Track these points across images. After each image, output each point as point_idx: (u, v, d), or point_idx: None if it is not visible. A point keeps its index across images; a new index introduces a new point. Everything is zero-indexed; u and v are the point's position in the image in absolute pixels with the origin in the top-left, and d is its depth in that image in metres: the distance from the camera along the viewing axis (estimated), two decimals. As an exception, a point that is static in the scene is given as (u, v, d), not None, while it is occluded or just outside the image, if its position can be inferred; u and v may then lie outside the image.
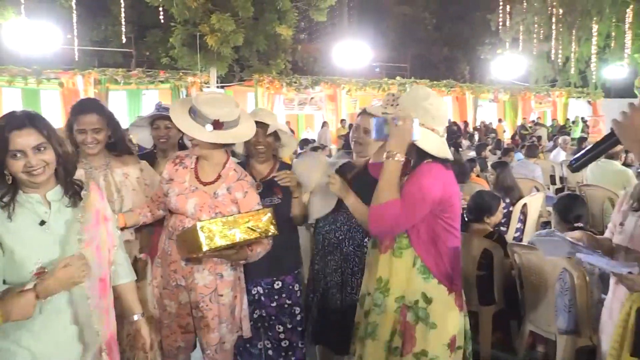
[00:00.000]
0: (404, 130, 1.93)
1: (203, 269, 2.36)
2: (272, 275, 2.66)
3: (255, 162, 2.70)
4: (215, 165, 2.38)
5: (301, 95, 16.11)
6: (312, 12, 17.65)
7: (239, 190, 2.37)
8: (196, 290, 2.36)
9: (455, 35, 28.46)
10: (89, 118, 2.46)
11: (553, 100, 22.06)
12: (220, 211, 2.31)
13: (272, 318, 2.70)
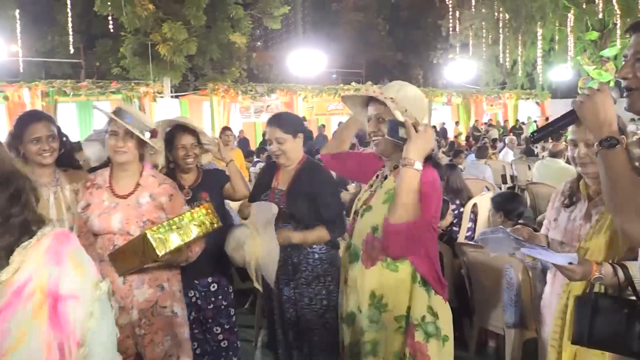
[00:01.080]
0: (427, 137, 1.81)
1: (142, 283, 2.31)
2: (209, 275, 2.71)
3: (181, 173, 2.80)
4: (131, 177, 2.35)
5: (257, 103, 16.06)
6: (266, 20, 17.67)
7: (164, 194, 2.36)
8: (137, 308, 2.31)
9: (408, 41, 29.05)
10: (43, 125, 2.38)
11: (503, 102, 22.75)
12: (148, 219, 2.28)
13: (209, 321, 2.78)
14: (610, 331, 1.74)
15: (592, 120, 1.43)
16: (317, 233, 2.55)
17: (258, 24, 20.44)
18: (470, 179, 6.59)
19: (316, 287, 2.57)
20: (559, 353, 1.96)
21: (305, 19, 42.93)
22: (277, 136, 2.56)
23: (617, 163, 1.38)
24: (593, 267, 1.75)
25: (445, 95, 20.85)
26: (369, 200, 2.05)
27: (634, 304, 1.72)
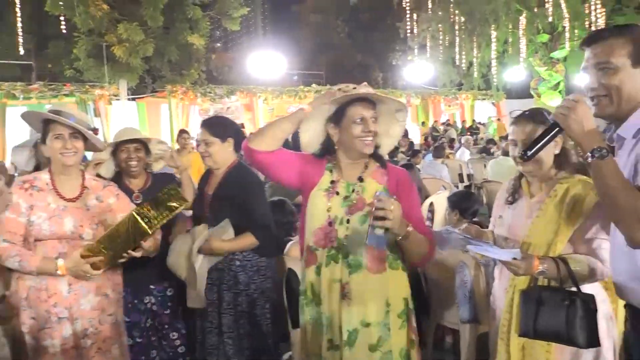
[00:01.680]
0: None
1: (88, 292, 2.25)
2: (165, 280, 2.70)
3: (128, 177, 2.83)
4: (75, 180, 2.31)
5: (217, 105, 15.88)
6: (225, 21, 17.53)
7: (110, 195, 2.36)
8: (83, 317, 2.24)
9: (368, 43, 29.37)
10: None
11: (460, 102, 23.26)
12: (99, 221, 2.28)
13: (165, 326, 2.77)
14: (553, 322, 1.81)
15: (579, 132, 1.49)
16: (246, 240, 2.55)
17: (217, 25, 20.23)
18: (428, 178, 6.73)
19: (238, 297, 2.59)
20: (507, 345, 2.02)
21: (265, 20, 42.79)
22: (204, 138, 2.62)
23: (611, 173, 1.44)
24: (535, 262, 1.80)
25: (404, 96, 21.14)
26: (360, 206, 1.96)
27: (574, 295, 1.80)
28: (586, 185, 1.91)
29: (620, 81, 1.53)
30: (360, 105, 1.94)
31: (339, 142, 2.00)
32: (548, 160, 1.97)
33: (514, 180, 2.16)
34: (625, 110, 1.56)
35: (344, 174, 2.03)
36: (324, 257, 1.97)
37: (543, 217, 1.95)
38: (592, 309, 1.79)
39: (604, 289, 2.00)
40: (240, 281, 2.60)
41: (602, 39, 1.57)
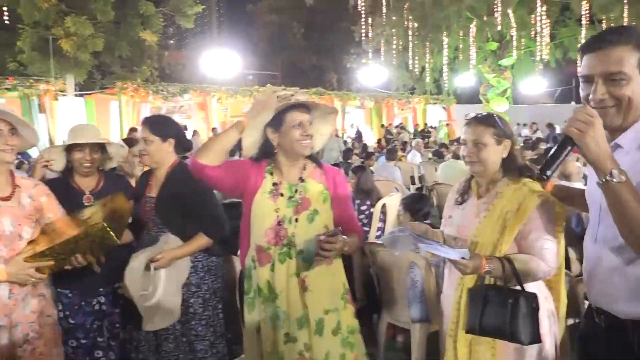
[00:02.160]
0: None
1: (26, 295, 2.16)
2: (115, 282, 2.61)
3: (79, 176, 2.69)
4: (5, 178, 2.20)
5: (169, 104, 15.59)
6: (178, 18, 17.23)
7: (42, 194, 2.27)
8: (23, 322, 2.14)
9: (323, 44, 29.51)
10: None
11: (413, 106, 23.79)
12: (36, 219, 2.19)
13: (116, 326, 2.69)
14: (497, 319, 1.89)
15: (595, 152, 1.36)
16: (196, 242, 2.51)
17: (171, 22, 19.85)
18: (381, 180, 6.83)
19: (190, 299, 2.55)
20: (455, 342, 2.09)
21: (220, 19, 42.31)
22: (144, 136, 2.57)
23: (630, 196, 1.35)
24: (483, 261, 1.87)
25: (358, 99, 21.43)
26: (306, 205, 2.13)
27: (518, 293, 1.88)
28: (531, 188, 2.00)
29: (633, 92, 1.45)
30: (298, 111, 2.08)
31: (278, 145, 2.13)
32: (494, 163, 2.05)
33: (464, 182, 2.23)
34: (630, 120, 1.50)
35: (285, 175, 2.17)
36: (277, 254, 2.10)
37: (490, 217, 2.02)
38: (535, 307, 1.88)
39: (547, 287, 2.09)
40: (192, 283, 2.57)
41: (610, 44, 1.46)
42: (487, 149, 2.01)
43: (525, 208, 1.96)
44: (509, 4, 14.82)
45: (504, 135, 2.03)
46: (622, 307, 1.51)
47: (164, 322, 2.48)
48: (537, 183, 2.02)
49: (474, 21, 16.34)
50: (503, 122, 2.06)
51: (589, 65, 1.50)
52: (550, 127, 19.61)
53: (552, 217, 1.99)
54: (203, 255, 2.60)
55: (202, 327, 2.59)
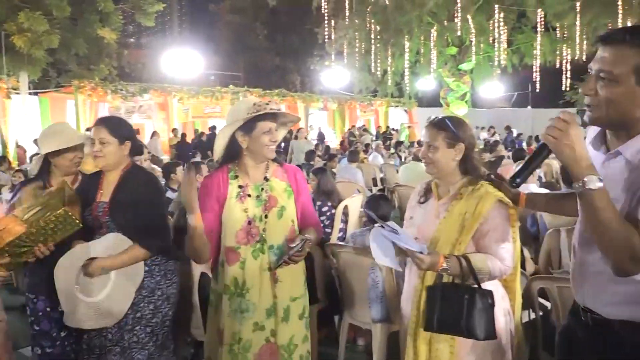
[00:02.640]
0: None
1: None
2: None
3: (56, 177, 2.73)
4: None
5: (129, 104, 15.23)
6: (138, 16, 16.88)
7: None
8: None
9: (287, 46, 29.45)
10: None
11: (375, 109, 24.03)
12: None
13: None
14: (454, 316, 1.95)
15: (570, 157, 1.36)
16: (131, 253, 2.41)
17: (131, 19, 19.42)
18: (343, 182, 6.87)
19: (140, 304, 2.46)
20: (415, 341, 2.13)
21: (182, 18, 41.70)
22: (101, 137, 2.46)
23: (604, 205, 1.34)
24: (440, 259, 1.93)
25: (321, 101, 21.48)
26: (273, 203, 2.28)
27: (474, 290, 1.94)
28: (487, 190, 2.07)
29: (617, 94, 1.41)
30: (268, 119, 2.26)
31: (247, 148, 2.26)
32: (446, 165, 2.11)
33: (425, 184, 2.30)
34: (617, 121, 1.47)
35: (251, 177, 2.31)
36: (249, 252, 2.23)
37: (449, 217, 2.08)
38: (490, 304, 1.94)
39: (503, 286, 2.16)
40: (145, 287, 2.46)
41: (616, 41, 1.41)
42: (438, 151, 2.09)
43: (481, 209, 2.03)
44: (468, 10, 15.16)
45: (457, 139, 2.08)
46: (608, 309, 1.53)
47: (97, 323, 2.36)
48: (492, 185, 2.09)
49: (435, 26, 16.64)
50: (458, 127, 2.11)
51: (596, 56, 1.46)
52: (508, 130, 20.18)
53: (507, 217, 2.06)
54: (161, 258, 2.53)
55: (147, 334, 2.46)
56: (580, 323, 1.65)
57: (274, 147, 2.28)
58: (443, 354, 2.07)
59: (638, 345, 1.48)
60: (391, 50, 17.40)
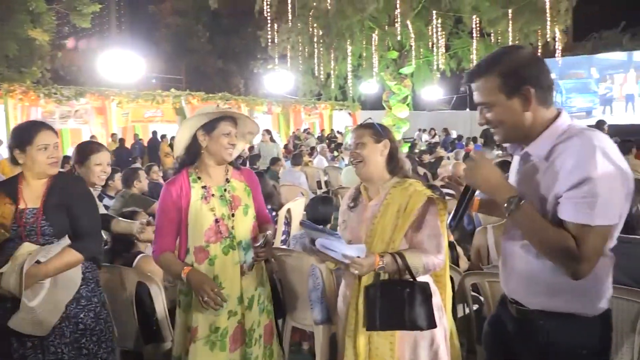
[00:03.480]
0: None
1: None
2: None
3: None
4: None
5: (64, 108, 14.60)
6: (74, 17, 16.27)
7: None
8: None
9: (229, 49, 29.15)
10: None
11: (320, 112, 24.20)
12: None
13: None
14: (395, 311, 2.01)
15: (487, 187, 1.60)
16: (65, 258, 2.33)
17: (65, 20, 18.67)
18: (286, 185, 6.88)
19: (73, 310, 2.40)
20: (354, 342, 2.17)
21: (120, 19, 40.57)
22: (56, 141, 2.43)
23: (530, 218, 1.53)
24: (377, 259, 1.99)
25: (265, 104, 21.41)
26: (237, 202, 2.43)
27: (412, 284, 2.03)
28: (417, 188, 2.17)
29: (500, 114, 1.62)
30: (229, 123, 2.38)
31: (206, 148, 2.37)
32: (376, 162, 2.21)
33: (354, 189, 2.37)
34: (516, 135, 1.66)
35: (212, 178, 2.42)
36: (219, 249, 2.36)
37: (381, 218, 2.15)
38: (429, 294, 2.05)
39: (434, 282, 2.24)
40: (83, 296, 2.42)
41: (475, 78, 1.66)
42: (366, 147, 2.20)
43: (412, 206, 2.12)
44: (407, 15, 15.56)
45: (382, 135, 2.22)
46: (531, 300, 1.67)
47: (33, 330, 2.28)
48: (420, 183, 2.20)
49: (376, 31, 16.97)
50: (382, 127, 2.27)
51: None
52: (446, 132, 20.83)
53: (437, 213, 2.15)
54: (91, 265, 2.48)
55: (94, 343, 2.44)
56: (507, 314, 1.78)
57: (231, 151, 2.39)
58: (383, 351, 2.13)
59: (552, 332, 1.62)
60: (334, 54, 17.59)
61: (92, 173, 2.92)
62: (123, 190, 4.82)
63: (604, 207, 1.45)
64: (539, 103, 1.59)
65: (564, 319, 1.61)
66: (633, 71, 19.64)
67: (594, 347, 1.62)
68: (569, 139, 1.54)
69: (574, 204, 1.47)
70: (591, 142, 1.48)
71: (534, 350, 1.66)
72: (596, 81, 20.36)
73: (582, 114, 20.61)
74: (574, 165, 1.48)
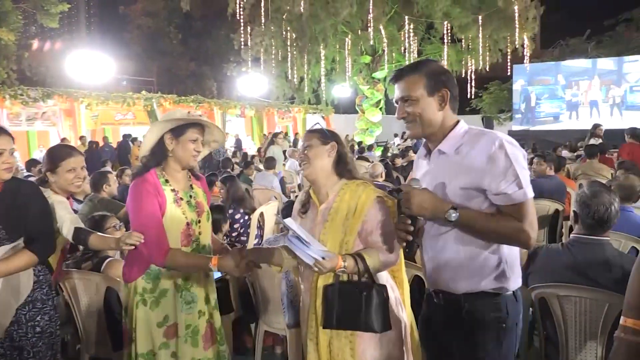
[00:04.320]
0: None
1: None
2: None
3: None
4: None
5: (30, 110, 14.23)
6: (41, 17, 15.92)
7: None
8: None
9: (202, 51, 28.90)
10: None
11: (293, 115, 24.19)
12: None
13: None
14: (352, 312, 2.05)
15: (425, 212, 1.82)
16: (19, 260, 2.29)
17: (32, 20, 18.26)
18: (259, 189, 6.86)
19: (29, 313, 2.36)
20: (316, 345, 2.20)
21: (90, 19, 39.93)
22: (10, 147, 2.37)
23: (473, 219, 1.78)
24: (339, 261, 2.03)
25: (238, 108, 21.30)
26: (201, 208, 2.50)
27: (370, 286, 2.07)
28: (366, 189, 2.20)
29: (422, 109, 1.87)
30: (197, 130, 2.42)
31: (172, 151, 2.40)
32: (322, 163, 2.24)
33: (303, 193, 2.40)
34: (429, 131, 1.91)
35: (179, 183, 2.46)
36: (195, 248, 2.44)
37: (333, 220, 2.18)
38: (385, 298, 2.08)
39: (392, 277, 2.30)
40: (38, 299, 2.38)
41: (403, 76, 1.90)
42: (313, 148, 2.24)
43: (362, 207, 2.15)
44: (380, 20, 15.72)
45: (328, 137, 2.27)
46: (457, 286, 1.90)
47: None
48: (368, 183, 2.25)
49: (349, 35, 17.09)
50: (329, 131, 2.35)
51: (395, 93, 1.96)
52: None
53: (388, 212, 2.18)
54: (43, 268, 2.45)
55: (46, 345, 2.40)
56: (434, 307, 2.01)
57: (196, 157, 2.44)
58: (344, 351, 2.16)
59: (476, 311, 1.88)
60: (307, 58, 17.67)
61: (65, 180, 2.69)
62: (92, 194, 4.73)
63: (526, 182, 1.75)
64: (450, 107, 1.90)
65: (487, 298, 1.86)
66: (597, 78, 20.24)
67: (511, 320, 1.88)
68: (476, 138, 1.84)
69: (507, 190, 1.74)
70: (496, 137, 1.80)
71: (460, 332, 1.90)
72: (562, 87, 20.90)
73: (549, 119, 21.14)
74: (491, 160, 1.76)
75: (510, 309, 1.88)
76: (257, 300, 3.55)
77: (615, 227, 3.58)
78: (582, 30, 24.03)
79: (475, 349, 1.89)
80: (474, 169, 1.79)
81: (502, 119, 24.29)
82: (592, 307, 2.43)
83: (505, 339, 1.88)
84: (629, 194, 4.01)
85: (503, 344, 1.88)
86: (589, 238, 2.56)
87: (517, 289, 1.91)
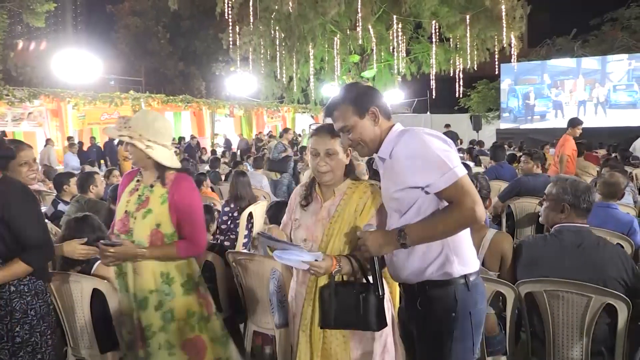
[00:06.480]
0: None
1: None
2: None
3: None
4: None
5: (16, 110, 14.09)
6: (27, 16, 15.75)
7: None
8: None
9: (190, 51, 28.75)
10: None
11: (282, 115, 24.17)
12: None
13: None
14: (350, 312, 2.06)
15: (382, 249, 1.95)
16: (11, 269, 2.27)
17: (18, 19, 18.06)
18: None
19: (9, 324, 2.32)
20: (309, 336, 2.22)
21: (76, 18, 39.61)
22: None
23: (420, 230, 1.89)
24: (334, 262, 2.04)
25: (227, 107, 21.24)
26: (146, 204, 2.51)
27: (366, 286, 2.07)
28: (372, 188, 2.22)
29: (360, 133, 2.01)
30: None
31: None
32: (342, 170, 2.23)
33: (305, 186, 2.36)
34: (375, 146, 2.05)
35: (145, 179, 2.60)
36: None
37: (339, 217, 2.19)
38: (381, 297, 2.08)
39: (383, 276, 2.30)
40: (17, 309, 2.33)
41: (333, 109, 2.05)
42: (337, 155, 2.18)
43: (369, 207, 2.17)
44: (368, 20, 15.75)
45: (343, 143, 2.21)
46: (411, 277, 2.03)
47: None
48: (376, 184, 2.25)
49: (338, 34, 17.09)
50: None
51: (334, 125, 2.10)
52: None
53: None
54: (29, 278, 2.39)
55: (29, 354, 2.36)
56: (401, 298, 2.19)
57: (131, 159, 2.54)
58: (336, 342, 2.19)
59: (425, 301, 2.00)
60: (296, 57, 17.65)
61: (20, 175, 2.76)
62: (78, 195, 4.70)
63: (452, 162, 1.84)
64: (383, 117, 2.03)
65: (436, 288, 1.96)
66: (582, 77, 20.44)
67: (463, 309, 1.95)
68: (400, 137, 1.95)
69: (433, 179, 1.84)
70: (415, 132, 1.92)
71: (419, 322, 2.04)
72: (548, 86, 21.09)
73: (537, 118, 21.32)
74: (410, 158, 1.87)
75: (461, 297, 1.94)
76: (246, 300, 3.55)
77: (600, 224, 3.65)
78: (568, 30, 24.26)
79: (431, 338, 2.00)
80: (402, 170, 1.91)
81: (490, 117, 24.46)
82: (578, 301, 2.46)
83: (456, 328, 1.94)
84: (614, 191, 4.06)
85: (454, 333, 1.94)
86: (577, 225, 2.71)
87: (468, 276, 1.97)
